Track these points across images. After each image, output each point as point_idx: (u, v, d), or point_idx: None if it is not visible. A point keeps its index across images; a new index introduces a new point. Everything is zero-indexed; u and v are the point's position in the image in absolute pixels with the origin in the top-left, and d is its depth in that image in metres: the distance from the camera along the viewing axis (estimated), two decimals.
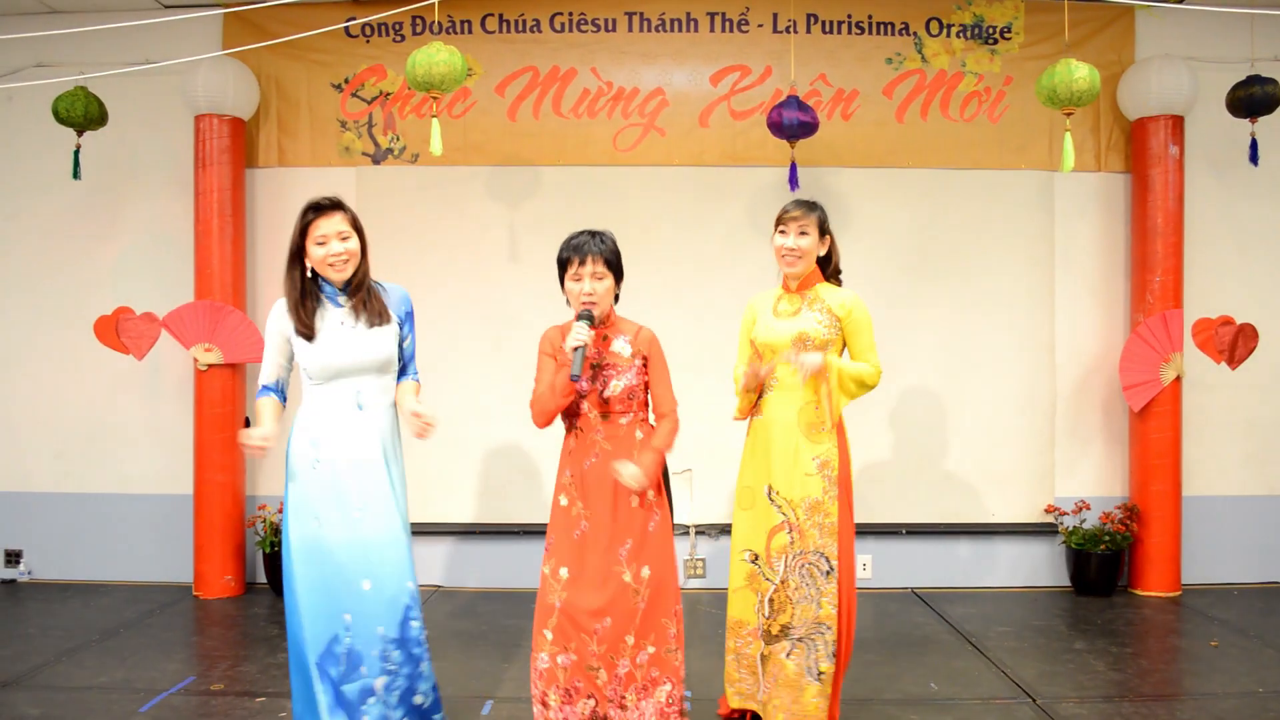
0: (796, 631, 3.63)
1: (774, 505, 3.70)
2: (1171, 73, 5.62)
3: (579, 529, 3.43)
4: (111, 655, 4.68)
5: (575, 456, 3.48)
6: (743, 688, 3.79)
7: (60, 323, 6.04)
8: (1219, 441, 6.04)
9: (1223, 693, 4.20)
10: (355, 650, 3.26)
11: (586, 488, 3.44)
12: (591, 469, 3.44)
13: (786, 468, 3.70)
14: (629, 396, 3.46)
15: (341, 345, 3.39)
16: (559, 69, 5.97)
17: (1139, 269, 5.83)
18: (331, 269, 3.39)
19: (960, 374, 6.00)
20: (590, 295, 3.40)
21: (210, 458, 5.72)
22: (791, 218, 3.80)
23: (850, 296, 3.80)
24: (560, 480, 3.52)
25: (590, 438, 3.46)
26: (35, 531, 6.08)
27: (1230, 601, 5.68)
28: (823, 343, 3.71)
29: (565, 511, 3.46)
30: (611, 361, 3.47)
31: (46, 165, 5.96)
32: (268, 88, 5.95)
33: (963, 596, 5.82)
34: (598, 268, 3.42)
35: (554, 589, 3.38)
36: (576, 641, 3.34)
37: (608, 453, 3.44)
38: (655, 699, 3.39)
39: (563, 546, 3.42)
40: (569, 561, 3.40)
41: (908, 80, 5.98)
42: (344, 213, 3.46)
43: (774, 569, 3.68)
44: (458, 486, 5.96)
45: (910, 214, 5.99)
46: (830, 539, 3.64)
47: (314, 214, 3.39)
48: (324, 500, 3.33)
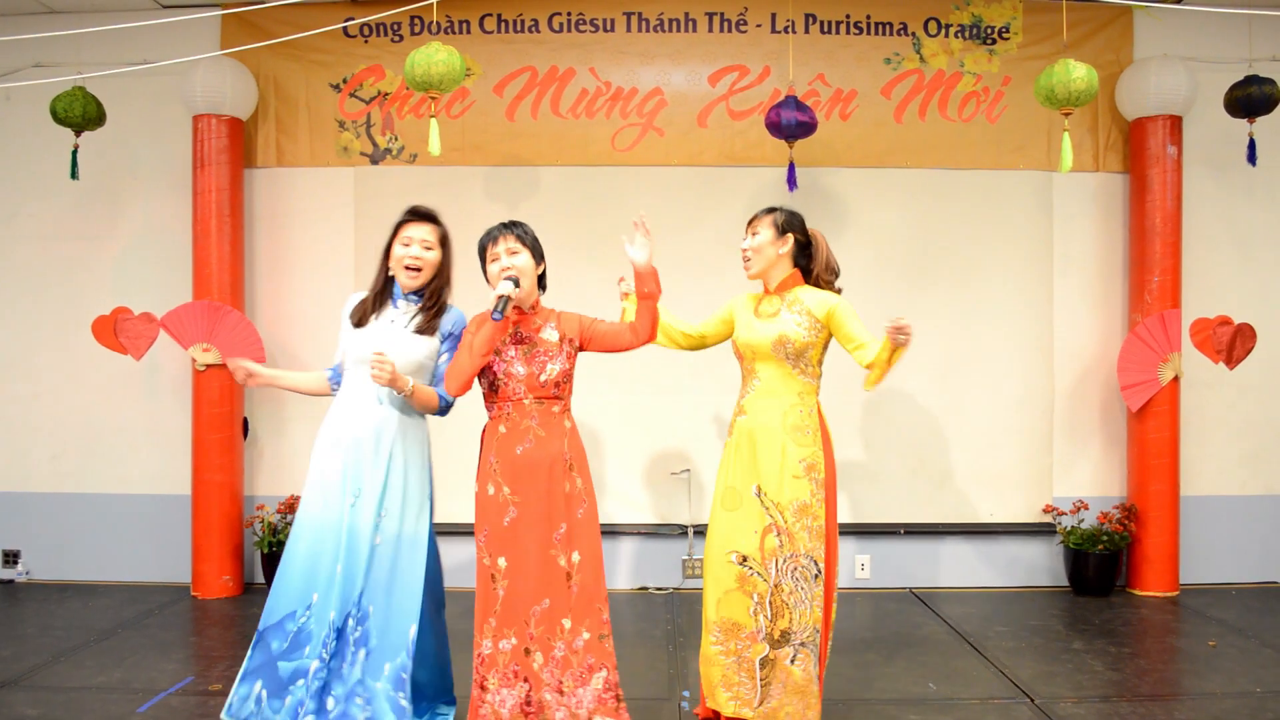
0: (798, 636, 3.59)
1: (763, 507, 3.65)
2: (1170, 73, 5.62)
3: (508, 515, 3.44)
4: (109, 655, 4.68)
5: (506, 442, 3.49)
6: (741, 692, 3.64)
7: (58, 323, 6.04)
8: (1217, 441, 6.05)
9: (1220, 693, 4.20)
10: (307, 629, 3.39)
11: (518, 474, 3.46)
12: (524, 455, 3.46)
13: (774, 469, 3.65)
14: (564, 380, 3.54)
15: (381, 339, 3.53)
16: (557, 69, 5.97)
17: (1137, 269, 5.83)
18: (405, 271, 3.57)
19: (958, 374, 6.00)
20: (508, 269, 3.47)
21: (208, 458, 5.71)
22: (748, 221, 3.88)
23: (830, 297, 3.78)
24: (484, 468, 3.52)
25: (524, 424, 3.49)
26: (33, 532, 6.08)
27: (1228, 601, 5.68)
28: (802, 345, 3.71)
29: (493, 500, 3.47)
30: (543, 348, 3.51)
31: (45, 165, 5.96)
32: (266, 88, 5.95)
33: (961, 596, 5.82)
34: (510, 244, 3.52)
35: (496, 579, 3.41)
36: (517, 627, 3.38)
37: (542, 439, 3.48)
38: (593, 686, 3.42)
39: (497, 536, 3.44)
40: (505, 550, 3.42)
41: (906, 80, 5.98)
42: (436, 226, 3.67)
43: (768, 570, 3.61)
44: (443, 486, 5.93)
45: (908, 214, 6.00)
46: (819, 542, 3.62)
47: (410, 217, 3.63)
48: (329, 478, 3.48)
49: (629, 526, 5.95)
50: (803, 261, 3.87)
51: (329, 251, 5.98)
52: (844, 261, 5.88)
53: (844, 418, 5.96)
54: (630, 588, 5.97)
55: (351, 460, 3.47)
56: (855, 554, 6.01)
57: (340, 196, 5.99)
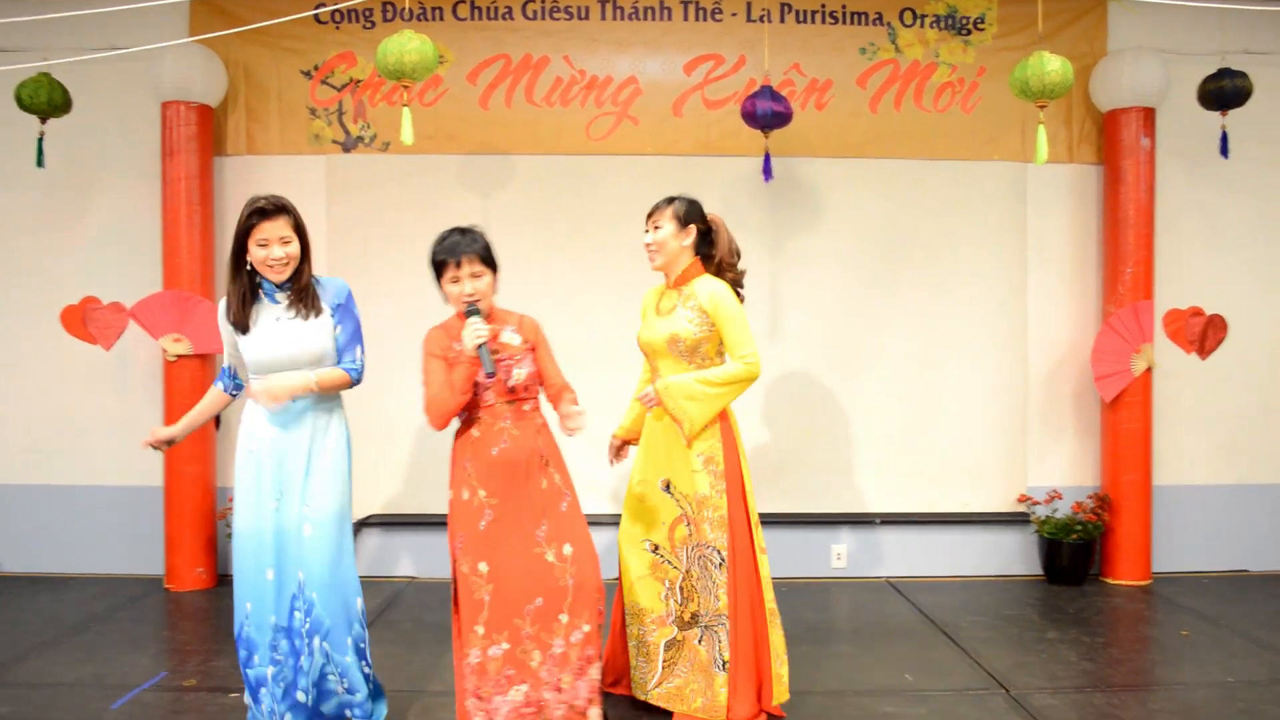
0: (704, 620, 3.72)
1: (673, 499, 3.76)
2: (1144, 64, 5.64)
3: (484, 519, 3.43)
4: (82, 650, 4.62)
5: (480, 446, 3.47)
6: (637, 675, 3.86)
7: (27, 313, 5.94)
8: (1189, 431, 6.09)
9: (1193, 682, 4.24)
10: (251, 638, 3.43)
11: (494, 476, 3.45)
12: (501, 455, 3.45)
13: (679, 464, 3.75)
14: (531, 382, 3.53)
15: (274, 340, 3.46)
16: (531, 57, 5.92)
17: (1110, 260, 5.86)
18: (270, 270, 3.44)
19: (933, 364, 6.02)
20: (471, 296, 3.42)
21: (180, 449, 5.56)
22: (648, 214, 3.89)
23: (713, 286, 3.77)
24: (458, 474, 3.50)
25: (497, 426, 3.47)
26: (3, 524, 6.00)
27: (1200, 590, 5.73)
28: (694, 341, 3.73)
29: (467, 505, 3.45)
30: (507, 353, 3.49)
31: (9, 152, 5.84)
32: (236, 74, 5.86)
33: (937, 586, 5.84)
34: (475, 267, 3.44)
35: (478, 585, 3.38)
36: (509, 629, 3.36)
37: (516, 438, 3.48)
38: (589, 677, 3.43)
39: (473, 542, 3.42)
40: (484, 555, 3.40)
41: (881, 70, 5.97)
42: (288, 216, 3.48)
43: (679, 558, 3.77)
44: (428, 478, 5.91)
45: (883, 204, 6.00)
46: (720, 532, 3.70)
47: (258, 218, 3.41)
48: (249, 488, 3.47)
49: (605, 517, 5.93)
50: (705, 249, 3.88)
51: None
52: (819, 251, 5.96)
53: (818, 407, 5.98)
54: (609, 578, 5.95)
55: (271, 464, 3.45)
56: (831, 544, 6.02)
57: (312, 185, 5.90)
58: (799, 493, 6.00)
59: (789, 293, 5.97)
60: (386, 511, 5.94)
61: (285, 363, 3.45)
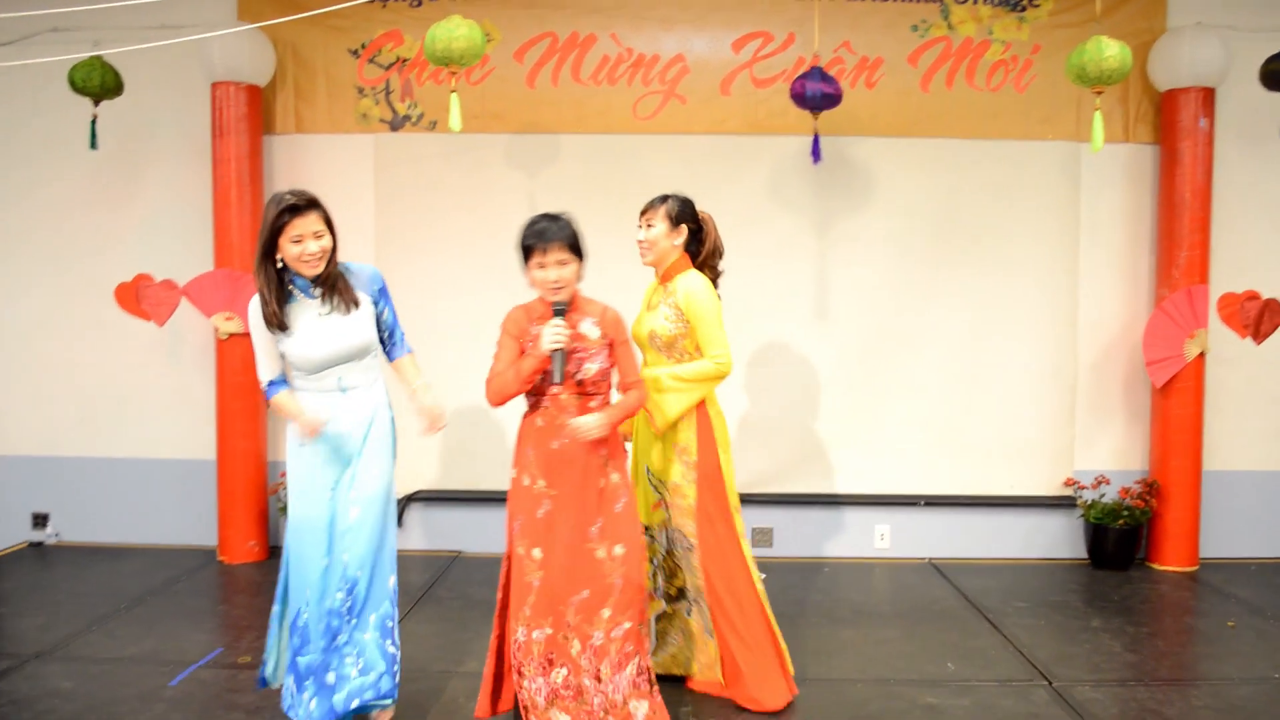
0: (690, 594, 3.99)
1: (651, 484, 3.98)
2: (1204, 44, 5.49)
3: (542, 508, 3.47)
4: (140, 624, 4.76)
5: (542, 436, 3.49)
6: None
7: (82, 290, 6.05)
8: (1241, 416, 6.01)
9: (1238, 678, 4.22)
10: (307, 628, 3.48)
11: (553, 468, 3.48)
12: (561, 449, 3.48)
13: (659, 451, 3.95)
14: (601, 378, 3.52)
15: (321, 337, 3.47)
16: (578, 35, 5.88)
17: (1165, 243, 5.76)
18: (306, 265, 3.42)
19: (982, 346, 5.97)
20: (556, 282, 3.42)
21: (232, 424, 5.76)
22: (642, 211, 3.99)
23: (689, 284, 3.87)
24: (521, 458, 3.54)
25: (560, 419, 3.48)
26: (62, 495, 6.16)
27: (1247, 577, 5.69)
28: (670, 338, 3.88)
29: (528, 491, 3.49)
30: (582, 346, 3.49)
31: (64, 131, 5.91)
32: (284, 53, 5.88)
33: (980, 568, 5.84)
34: (562, 254, 3.42)
35: (530, 569, 3.44)
36: (554, 616, 3.41)
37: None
38: (628, 673, 3.47)
39: (531, 527, 3.46)
40: (540, 542, 3.45)
41: (933, 48, 5.87)
42: (318, 211, 3.46)
43: (660, 539, 4.01)
44: (477, 453, 5.98)
45: (934, 184, 5.92)
46: (687, 519, 3.88)
47: (290, 214, 3.37)
48: (305, 478, 3.52)
49: None
50: (693, 246, 4.00)
51: (349, 219, 5.83)
52: (868, 231, 5.93)
53: (864, 387, 5.96)
54: None
55: (328, 456, 3.51)
56: (875, 524, 6.04)
57: (360, 163, 5.95)
58: (843, 473, 6.01)
59: (837, 273, 5.94)
60: (434, 487, 6.02)
61: (332, 359, 3.49)
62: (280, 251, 3.41)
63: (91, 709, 3.78)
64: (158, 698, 3.89)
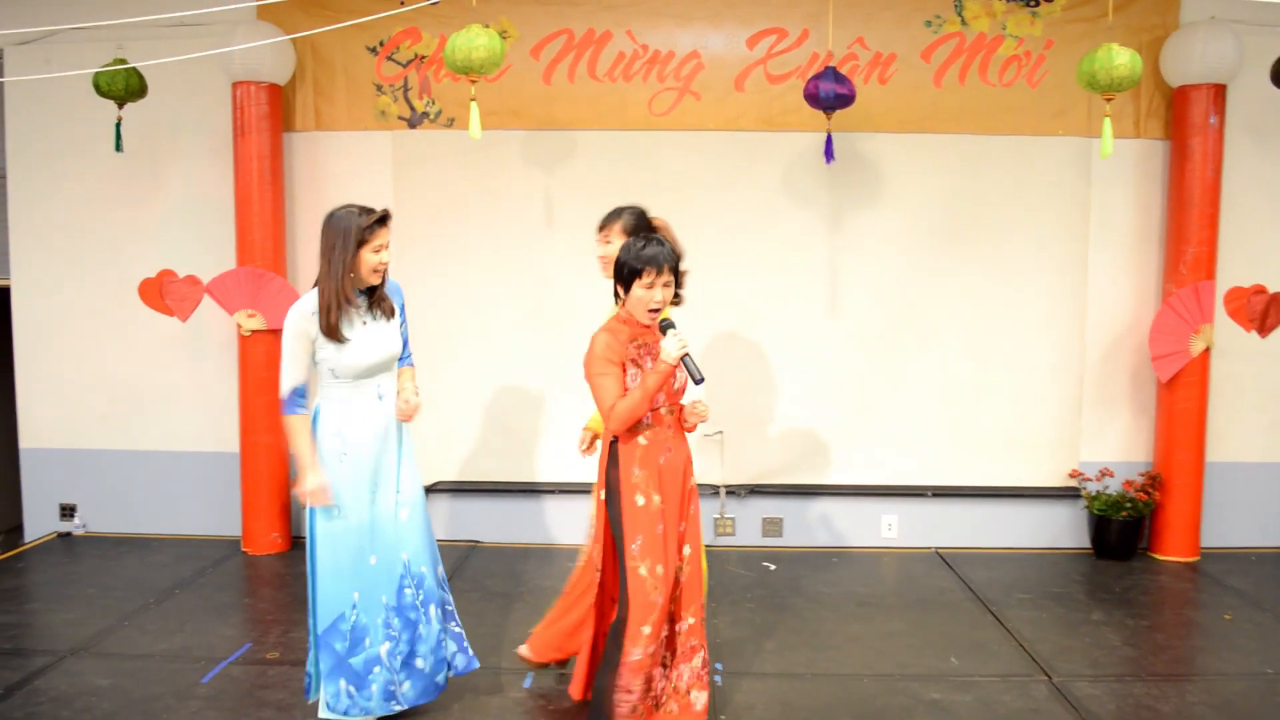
0: None
1: None
2: (1216, 40, 5.51)
3: (659, 524, 3.54)
4: (170, 618, 4.92)
5: (648, 453, 3.56)
6: None
7: (106, 285, 6.17)
8: (1245, 408, 6.10)
9: (1234, 673, 4.35)
10: (360, 624, 3.64)
11: (663, 483, 3.58)
12: (667, 464, 3.59)
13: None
14: (684, 387, 3.67)
15: (369, 345, 3.66)
16: (594, 32, 5.93)
17: (1174, 239, 5.82)
18: (375, 275, 3.64)
19: (991, 339, 6.06)
20: (661, 303, 3.53)
21: (255, 420, 5.89)
22: (599, 227, 4.06)
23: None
24: (629, 480, 3.54)
25: (662, 434, 3.59)
26: (89, 487, 6.32)
27: (1247, 568, 5.81)
28: None
29: (645, 510, 3.54)
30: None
31: (87, 128, 5.99)
32: (303, 51, 5.94)
33: (985, 558, 5.97)
34: (667, 277, 3.52)
35: (655, 588, 3.51)
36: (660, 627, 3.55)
37: (677, 445, 3.64)
38: (692, 665, 3.64)
39: (653, 546, 3.53)
40: (660, 558, 3.53)
41: (947, 44, 5.90)
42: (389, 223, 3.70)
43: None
44: (491, 447, 6.12)
45: (946, 180, 5.98)
46: (596, 545, 3.90)
47: (379, 225, 3.61)
48: (345, 488, 3.64)
49: None
50: None
51: None
52: (880, 226, 6.01)
53: (874, 380, 6.07)
54: None
55: (369, 463, 3.68)
56: (882, 514, 6.17)
57: (378, 160, 6.04)
58: (852, 464, 6.13)
59: (848, 268, 6.02)
60: (452, 478, 6.16)
61: (377, 366, 3.69)
62: (359, 261, 3.57)
63: (129, 706, 3.93)
64: (192, 695, 4.04)
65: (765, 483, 6.10)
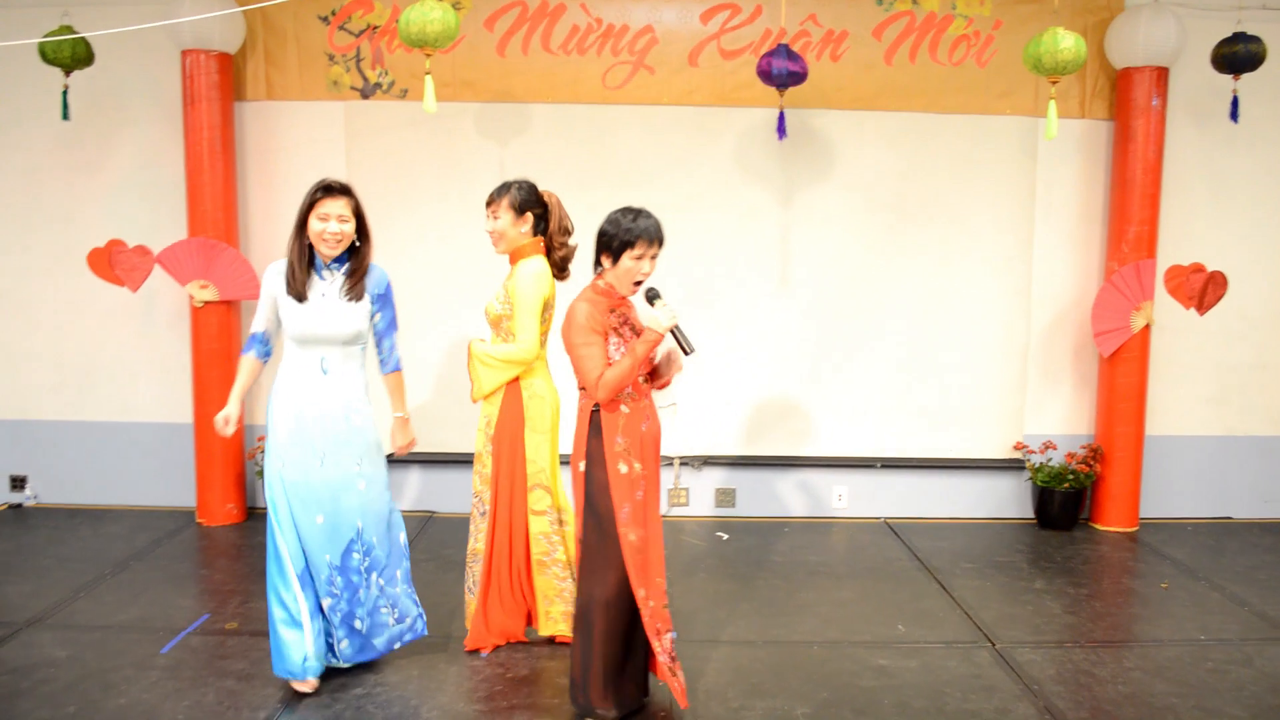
0: (466, 557, 4.33)
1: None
2: (1159, 24, 5.63)
3: (640, 490, 3.59)
4: (126, 589, 4.91)
5: (630, 422, 3.59)
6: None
7: (54, 255, 6.09)
8: (1183, 383, 6.28)
9: (1168, 639, 4.51)
10: (306, 573, 3.82)
11: (644, 450, 3.62)
12: (648, 430, 3.65)
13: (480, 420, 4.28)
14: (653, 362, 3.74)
15: (315, 315, 3.78)
16: (548, 4, 5.92)
17: (1116, 218, 5.96)
18: (324, 244, 3.76)
19: (938, 314, 6.17)
20: (648, 274, 3.58)
21: (209, 391, 5.85)
22: (487, 202, 4.18)
23: (521, 271, 4.13)
24: (612, 449, 3.56)
25: (642, 402, 3.65)
26: (40, 458, 6.26)
27: (1184, 538, 6.00)
28: (495, 317, 4.16)
29: (627, 478, 3.56)
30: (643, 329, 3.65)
31: (32, 97, 5.90)
32: (254, 20, 5.87)
33: (932, 528, 6.12)
34: (655, 251, 3.57)
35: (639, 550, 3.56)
36: (655, 587, 3.60)
37: (653, 413, 3.72)
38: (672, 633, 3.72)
39: (638, 512, 3.58)
40: (643, 524, 3.59)
41: (898, 22, 5.97)
42: (349, 198, 3.81)
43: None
44: (446, 418, 6.12)
45: (895, 157, 6.07)
46: (485, 487, 4.22)
47: (323, 194, 3.75)
48: (289, 447, 3.80)
49: None
50: (542, 228, 4.21)
51: None
52: (830, 202, 6.07)
53: (825, 354, 6.16)
54: None
55: (316, 429, 3.80)
56: (833, 485, 6.28)
57: (330, 130, 5.99)
58: (804, 436, 6.23)
59: (800, 242, 6.10)
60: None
61: (322, 337, 3.78)
62: (308, 227, 3.74)
63: (87, 677, 3.94)
64: (151, 665, 4.06)
65: (718, 454, 6.19)
